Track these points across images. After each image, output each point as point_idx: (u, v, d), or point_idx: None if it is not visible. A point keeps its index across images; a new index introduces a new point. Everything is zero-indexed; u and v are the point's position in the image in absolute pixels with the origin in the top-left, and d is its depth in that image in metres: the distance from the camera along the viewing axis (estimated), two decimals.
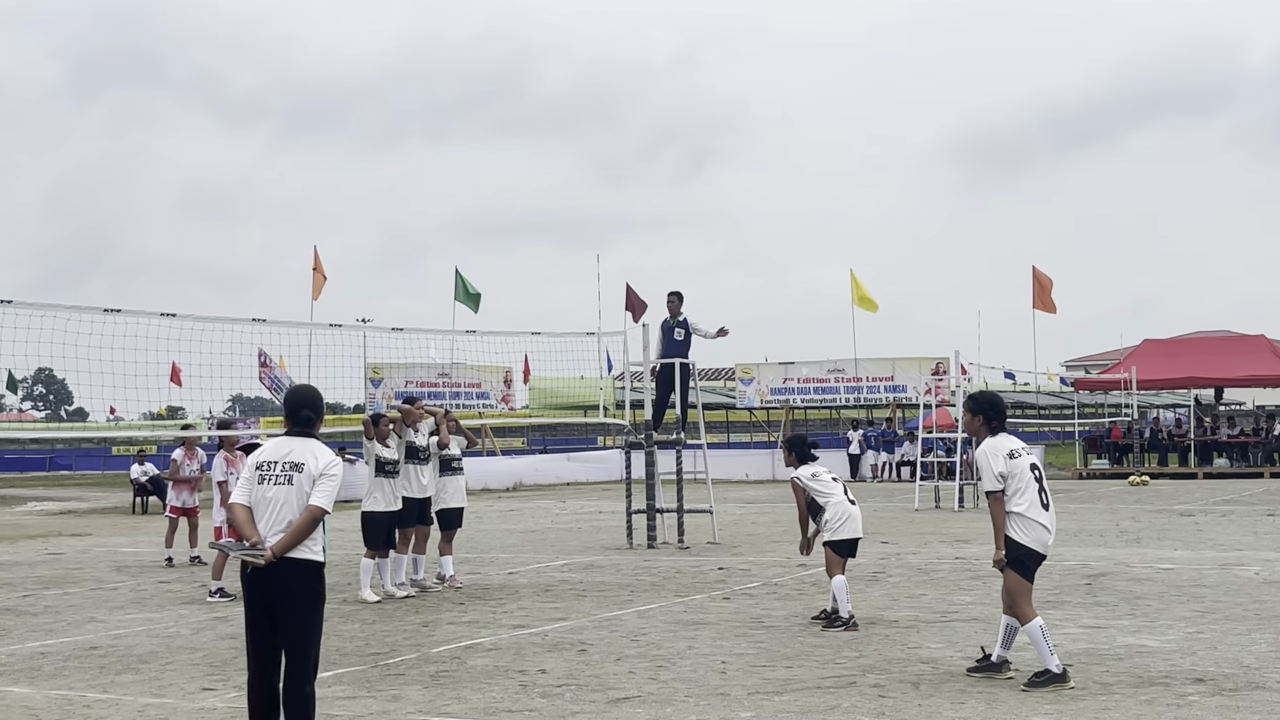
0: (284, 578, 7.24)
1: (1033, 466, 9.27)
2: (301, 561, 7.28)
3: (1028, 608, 9.14)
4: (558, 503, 34.00)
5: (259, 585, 7.27)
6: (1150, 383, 45.32)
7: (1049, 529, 9.20)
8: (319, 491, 7.33)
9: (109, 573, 18.47)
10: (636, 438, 21.39)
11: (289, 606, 7.25)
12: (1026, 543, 9.13)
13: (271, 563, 7.19)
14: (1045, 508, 9.21)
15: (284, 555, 7.21)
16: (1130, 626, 11.67)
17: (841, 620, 11.81)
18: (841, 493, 12.27)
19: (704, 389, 43.51)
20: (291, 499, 7.32)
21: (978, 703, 8.60)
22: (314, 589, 7.36)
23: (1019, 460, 9.24)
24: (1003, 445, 9.32)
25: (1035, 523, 9.14)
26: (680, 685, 9.40)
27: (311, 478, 7.35)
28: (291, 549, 7.23)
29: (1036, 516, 9.14)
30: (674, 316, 21.02)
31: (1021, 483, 9.18)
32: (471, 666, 10.36)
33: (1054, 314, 45.88)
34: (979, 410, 9.58)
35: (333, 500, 7.41)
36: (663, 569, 17.24)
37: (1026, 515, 9.13)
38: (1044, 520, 9.18)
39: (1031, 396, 70.55)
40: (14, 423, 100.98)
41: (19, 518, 32.17)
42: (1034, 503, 9.16)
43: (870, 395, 48.22)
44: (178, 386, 25.34)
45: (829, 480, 12.36)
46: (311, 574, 7.34)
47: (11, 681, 10.18)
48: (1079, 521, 23.82)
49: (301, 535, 7.26)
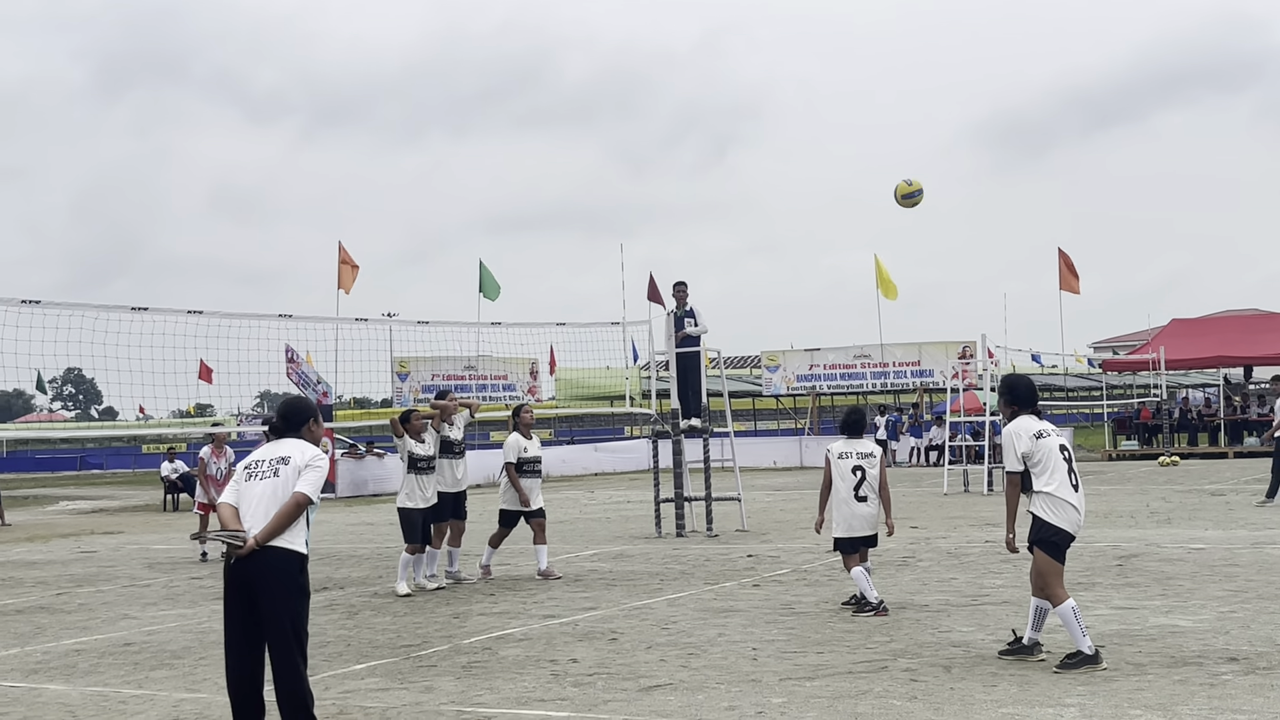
0: (265, 567, 7.25)
1: (1061, 448, 9.22)
2: (283, 550, 7.30)
3: (1059, 589, 9.11)
4: (586, 493, 34.04)
5: (240, 573, 7.29)
6: (1179, 363, 45.08)
7: (1079, 509, 9.17)
8: (304, 480, 7.42)
9: (141, 570, 18.59)
10: (663, 427, 21.40)
11: (269, 597, 7.24)
12: (1056, 523, 9.10)
13: (254, 551, 7.23)
14: (1075, 488, 9.17)
15: (266, 544, 7.24)
16: (1162, 607, 11.63)
17: (871, 605, 11.80)
18: (851, 488, 12.03)
19: (730, 377, 43.49)
20: (277, 490, 7.40)
21: (1010, 685, 8.58)
22: (296, 581, 7.35)
23: (1046, 440, 9.20)
24: (1029, 426, 9.29)
25: (1065, 502, 9.11)
26: (711, 672, 9.41)
27: (297, 469, 7.45)
28: (274, 536, 7.26)
29: (1066, 496, 9.11)
30: (680, 306, 21.01)
31: (1050, 463, 9.14)
32: (503, 657, 10.39)
33: (1078, 295, 45.69)
34: (1000, 394, 9.64)
35: (318, 490, 7.48)
36: (692, 557, 17.25)
37: (1056, 495, 9.10)
38: (1074, 500, 9.14)
39: (1059, 379, 70.27)
40: (45, 423, 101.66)
41: (52, 517, 32.39)
42: (1063, 483, 9.13)
43: (897, 380, 48.11)
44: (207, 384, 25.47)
45: (849, 470, 12.16)
46: (293, 564, 7.34)
47: (48, 679, 10.26)
48: (1109, 503, 23.73)
49: (285, 521, 7.29)
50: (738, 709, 8.21)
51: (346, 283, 41.98)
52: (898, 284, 47.10)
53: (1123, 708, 7.83)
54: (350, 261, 41.73)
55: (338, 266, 42.09)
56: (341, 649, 11.06)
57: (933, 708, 8.03)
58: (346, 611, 13.29)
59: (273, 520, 7.29)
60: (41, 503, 39.68)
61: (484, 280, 45.65)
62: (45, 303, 16.15)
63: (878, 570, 14.79)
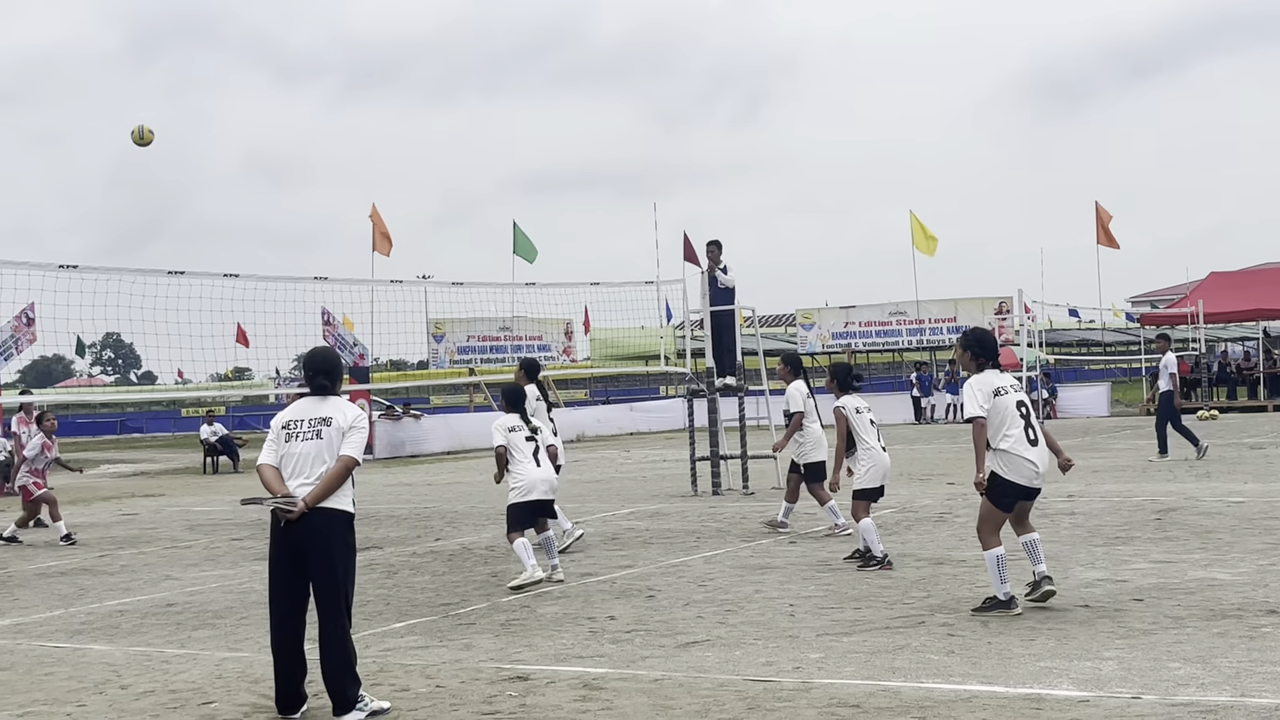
0: (316, 527, 7.36)
1: (1019, 404, 9.46)
2: (333, 511, 7.41)
3: (991, 537, 9.49)
4: (622, 452, 34.11)
5: (290, 535, 7.39)
6: (1217, 316, 44.69)
7: (1035, 463, 9.41)
8: (349, 443, 7.49)
9: (182, 531, 18.75)
10: (698, 386, 21.40)
11: (320, 556, 7.37)
12: (1009, 477, 9.40)
13: (304, 514, 7.30)
14: (1033, 444, 9.40)
15: (315, 506, 7.33)
16: (1201, 560, 11.58)
17: (876, 560, 11.90)
18: (875, 438, 12.36)
19: (765, 335, 43.38)
20: (321, 452, 7.47)
21: (1048, 639, 8.57)
22: (345, 539, 7.50)
23: (1003, 398, 9.45)
24: (989, 381, 9.51)
25: (1019, 458, 9.38)
26: (748, 628, 9.44)
27: (341, 430, 7.51)
28: (324, 499, 7.35)
29: (1021, 452, 9.38)
30: (715, 265, 20.96)
31: (1005, 420, 9.39)
32: (541, 614, 10.45)
33: (1116, 250, 45.34)
34: (967, 346, 9.78)
35: (362, 451, 7.58)
36: (728, 515, 17.28)
37: (1011, 452, 9.38)
38: (1029, 455, 9.39)
39: (1097, 333, 69.86)
40: (85, 387, 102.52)
41: (93, 480, 32.71)
42: (1019, 439, 9.39)
43: (933, 337, 47.90)
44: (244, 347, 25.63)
45: (868, 422, 12.44)
46: (343, 524, 7.48)
47: (91, 639, 10.38)
48: (1147, 457, 23.62)
49: (334, 485, 7.39)
50: (775, 664, 8.23)
51: (383, 246, 42.10)
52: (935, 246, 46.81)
53: (1161, 660, 7.81)
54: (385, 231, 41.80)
55: (372, 229, 42.23)
56: (381, 608, 11.14)
57: (970, 662, 8.03)
58: (386, 571, 13.39)
59: (323, 484, 7.37)
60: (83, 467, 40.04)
61: (519, 242, 45.69)
62: (83, 268, 16.27)
63: (914, 525, 14.80)
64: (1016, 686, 7.36)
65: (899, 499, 17.41)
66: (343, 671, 7.34)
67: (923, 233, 46.15)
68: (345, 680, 7.33)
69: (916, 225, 46.16)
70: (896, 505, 16.68)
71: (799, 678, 7.83)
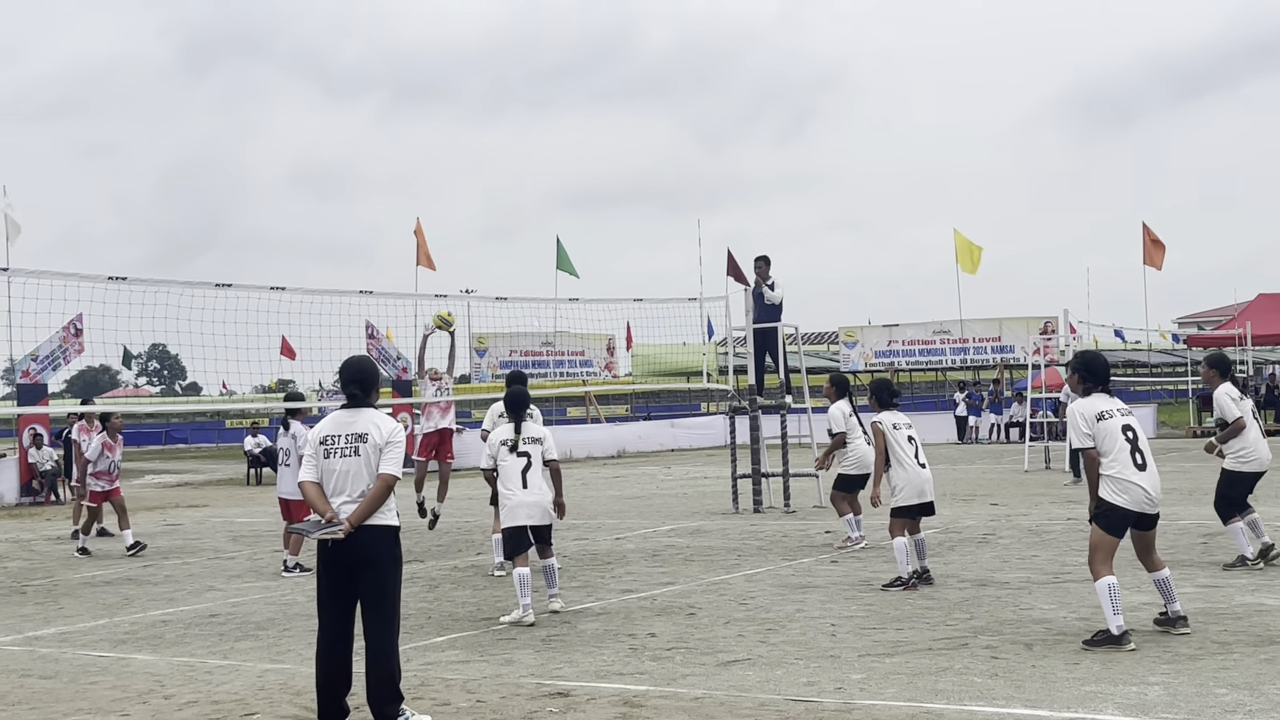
0: (364, 545, 7.38)
1: (1125, 428, 9.23)
2: (380, 528, 7.44)
3: (1102, 566, 9.16)
4: (662, 469, 34.08)
5: (339, 555, 7.40)
6: (1266, 338, 44.31)
7: (1146, 488, 9.16)
8: (387, 460, 7.48)
9: (226, 542, 18.87)
10: (740, 403, 21.37)
11: (371, 572, 7.40)
12: (1120, 503, 9.16)
13: (350, 533, 7.32)
14: (1141, 469, 9.18)
15: (361, 524, 7.35)
16: (1248, 585, 11.45)
17: (901, 581, 11.84)
18: (912, 456, 12.23)
19: (807, 353, 43.28)
20: (361, 470, 7.47)
21: (1093, 663, 8.50)
22: (393, 553, 7.52)
23: (1108, 422, 9.23)
24: (1095, 406, 9.30)
25: (1129, 483, 9.14)
26: (790, 648, 9.40)
27: (378, 447, 7.49)
28: (368, 518, 7.37)
29: (1129, 476, 9.15)
30: (763, 281, 20.93)
31: (1112, 445, 9.18)
32: (581, 631, 10.44)
33: (1160, 271, 44.99)
34: (1076, 369, 9.64)
35: (400, 466, 7.56)
36: (769, 533, 17.23)
37: (1119, 477, 9.15)
38: (1138, 480, 9.15)
39: (1143, 355, 69.26)
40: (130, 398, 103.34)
41: (138, 490, 32.97)
42: (1126, 464, 9.17)
43: (977, 356, 47.69)
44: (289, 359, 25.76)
45: (905, 439, 12.33)
46: (390, 538, 7.51)
47: (135, 649, 10.45)
48: (1193, 480, 23.39)
49: (376, 504, 7.40)
50: (816, 684, 8.19)
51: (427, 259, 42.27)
52: (980, 255, 46.57)
53: (1208, 686, 7.73)
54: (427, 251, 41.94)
55: (416, 243, 42.42)
56: (422, 621, 11.16)
57: (1014, 685, 7.96)
58: (427, 584, 13.42)
59: (365, 503, 7.38)
60: (127, 477, 40.35)
61: (561, 258, 45.81)
62: (131, 279, 16.41)
63: (958, 547, 14.71)
64: (1061, 711, 7.29)
65: (942, 519, 17.32)
66: (387, 686, 7.35)
67: (967, 249, 45.95)
68: (388, 695, 7.34)
69: (961, 242, 45.97)
70: (940, 526, 16.59)
71: (841, 698, 7.78)
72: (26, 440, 30.50)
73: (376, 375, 7.96)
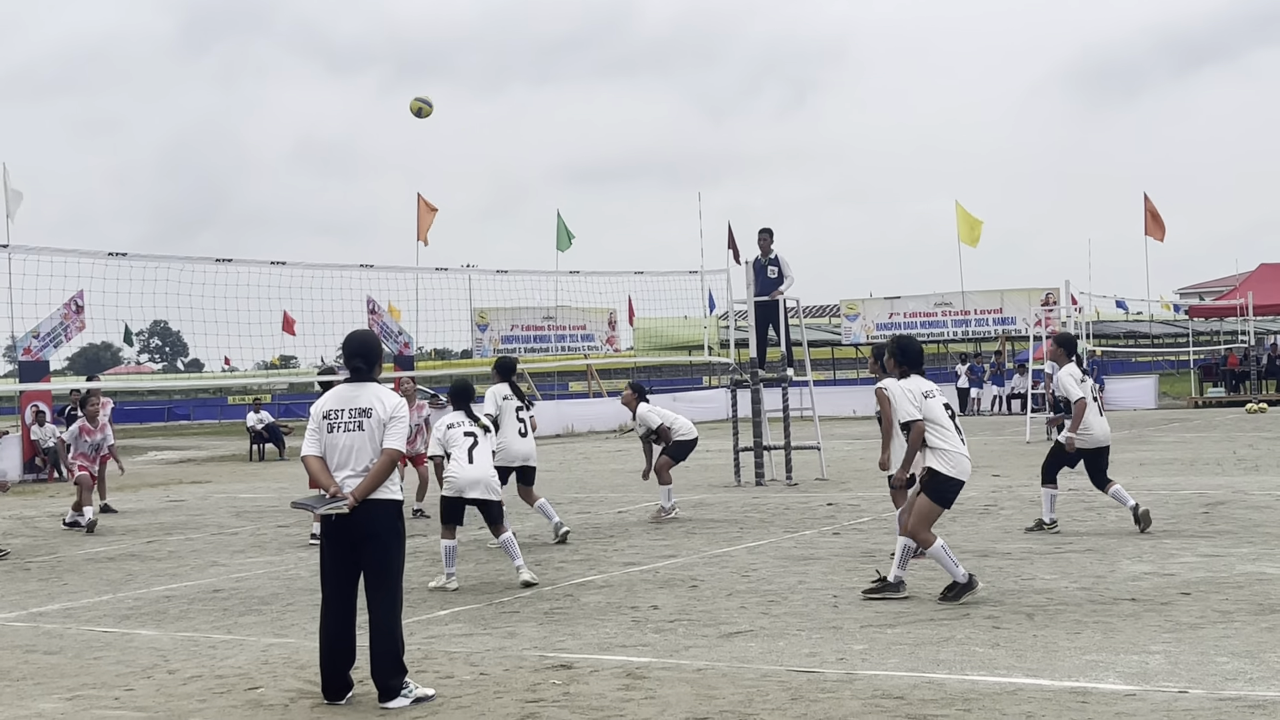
0: (368, 519, 7.41)
1: (945, 406, 10.08)
2: (383, 502, 7.47)
3: (928, 533, 9.82)
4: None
5: (343, 528, 7.44)
6: (1267, 308, 44.28)
7: (969, 460, 10.01)
8: (391, 435, 7.49)
9: (229, 518, 18.90)
10: (742, 376, 21.36)
11: (375, 546, 7.45)
12: (953, 474, 9.86)
13: (354, 507, 7.34)
14: (963, 442, 10.03)
15: (364, 499, 7.37)
16: (1249, 554, 11.47)
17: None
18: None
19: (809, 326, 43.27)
20: (364, 444, 7.49)
21: (1094, 633, 8.52)
22: (395, 527, 7.56)
23: (933, 400, 10.03)
24: (919, 386, 10.10)
25: (959, 455, 9.89)
26: (792, 619, 9.43)
27: (381, 422, 7.50)
28: (371, 493, 7.39)
29: (958, 448, 9.90)
30: (765, 254, 20.89)
31: (940, 421, 9.95)
32: (585, 603, 10.47)
33: (1162, 242, 44.96)
34: (893, 353, 10.37)
35: (404, 441, 7.58)
36: (771, 505, 17.25)
37: (951, 450, 9.88)
38: (964, 451, 9.97)
39: (1145, 325, 69.26)
40: (132, 374, 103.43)
41: (141, 467, 33.00)
42: (955, 439, 9.96)
43: (978, 328, 47.69)
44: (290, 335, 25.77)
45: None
46: (393, 512, 7.55)
47: (139, 624, 10.47)
48: (1195, 450, 23.43)
49: (380, 479, 7.42)
50: (819, 655, 8.22)
51: (424, 232, 42.23)
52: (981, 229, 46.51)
53: (1209, 655, 7.75)
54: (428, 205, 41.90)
55: (417, 217, 42.39)
56: (425, 595, 11.20)
57: (1015, 654, 7.99)
58: (430, 558, 13.44)
59: (369, 478, 7.40)
60: (130, 453, 40.39)
61: (560, 237, 45.78)
62: (132, 255, 16.40)
63: (959, 518, 14.72)
64: (1062, 679, 7.31)
65: None
66: (390, 659, 7.38)
67: (967, 222, 45.88)
68: (392, 668, 7.37)
69: (962, 215, 45.90)
70: None
71: (843, 669, 7.81)
72: (29, 417, 30.51)
73: (380, 350, 7.97)
